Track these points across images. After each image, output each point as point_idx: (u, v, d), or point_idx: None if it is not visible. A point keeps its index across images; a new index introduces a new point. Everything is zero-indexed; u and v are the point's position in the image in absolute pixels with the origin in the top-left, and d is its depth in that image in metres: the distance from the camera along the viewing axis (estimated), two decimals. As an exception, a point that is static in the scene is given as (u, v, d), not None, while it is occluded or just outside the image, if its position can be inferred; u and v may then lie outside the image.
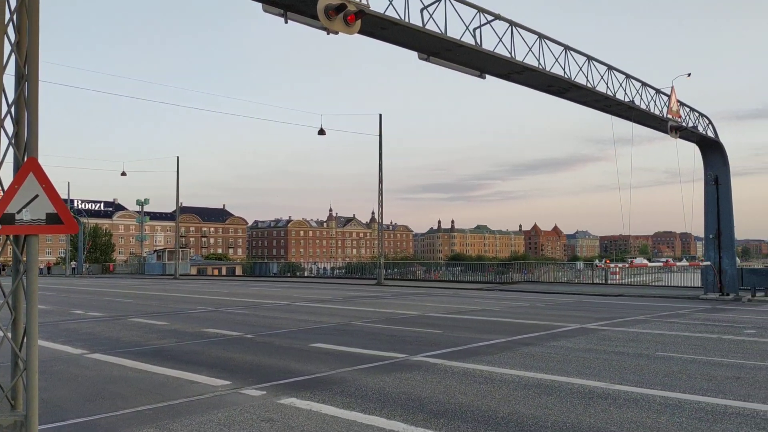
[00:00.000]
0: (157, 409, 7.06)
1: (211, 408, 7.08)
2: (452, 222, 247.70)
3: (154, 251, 73.54)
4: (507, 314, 18.56)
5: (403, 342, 12.44)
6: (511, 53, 16.80)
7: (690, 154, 27.59)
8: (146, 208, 74.02)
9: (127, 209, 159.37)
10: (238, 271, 70.57)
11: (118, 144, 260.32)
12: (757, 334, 14.02)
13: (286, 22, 12.03)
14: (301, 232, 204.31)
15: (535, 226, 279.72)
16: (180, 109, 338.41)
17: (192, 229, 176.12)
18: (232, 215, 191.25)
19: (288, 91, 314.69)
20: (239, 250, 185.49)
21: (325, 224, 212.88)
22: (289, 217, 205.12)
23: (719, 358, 10.62)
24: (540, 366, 9.69)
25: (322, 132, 37.16)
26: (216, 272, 72.81)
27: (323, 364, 9.79)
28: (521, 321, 16.59)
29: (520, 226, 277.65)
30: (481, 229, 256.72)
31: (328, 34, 11.87)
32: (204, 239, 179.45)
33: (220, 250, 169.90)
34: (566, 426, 6.33)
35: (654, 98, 23.17)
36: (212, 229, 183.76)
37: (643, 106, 22.45)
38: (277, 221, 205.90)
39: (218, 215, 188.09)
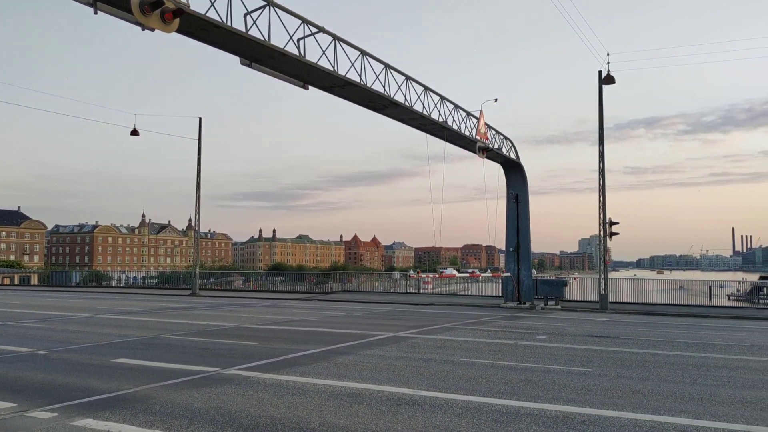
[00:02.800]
0: None
1: (-11, 435, 6.30)
2: (274, 231, 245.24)
3: (-71, 257, 64.39)
4: (324, 324, 18.70)
5: (216, 355, 12.02)
6: (334, 67, 17.07)
7: (495, 173, 29.99)
8: None
9: None
10: (34, 280, 64.09)
11: None
12: (548, 339, 15.46)
13: (95, 13, 11.19)
14: (110, 239, 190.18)
15: (355, 237, 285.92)
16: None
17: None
18: (28, 218, 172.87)
19: (99, 87, 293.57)
20: (36, 257, 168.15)
21: (137, 230, 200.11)
22: (96, 221, 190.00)
23: (515, 362, 11.54)
24: (353, 375, 9.86)
25: (135, 132, 34.91)
26: (7, 281, 65.54)
27: (127, 381, 9.14)
28: (337, 330, 16.81)
29: (341, 236, 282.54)
30: (302, 238, 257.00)
31: (143, 30, 11.25)
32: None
33: (12, 257, 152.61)
34: (375, 434, 6.48)
35: (465, 120, 24.82)
36: (4, 233, 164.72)
37: (455, 127, 23.93)
38: (82, 226, 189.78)
39: (12, 218, 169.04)
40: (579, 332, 17.38)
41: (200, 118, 37.87)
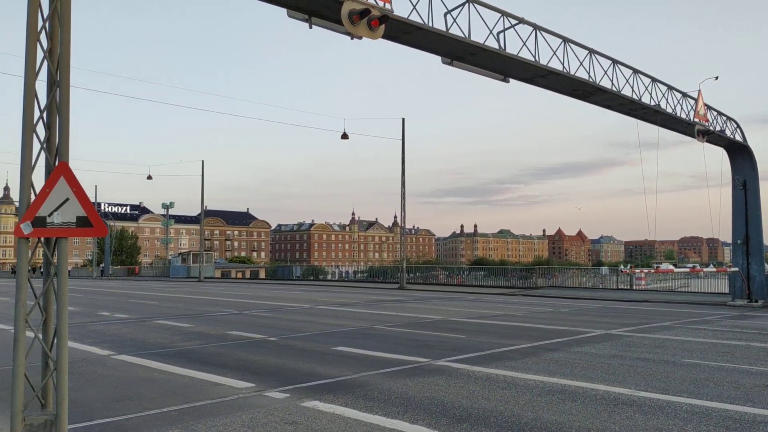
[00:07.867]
0: (182, 411, 7.14)
1: (235, 410, 7.15)
2: (475, 226, 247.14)
3: (179, 254, 74.24)
4: (530, 319, 18.43)
5: (425, 346, 12.42)
6: (535, 57, 16.73)
7: (717, 158, 27.25)
8: (171, 212, 74.20)
9: (152, 212, 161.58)
10: (262, 274, 70.94)
11: (144, 148, 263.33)
12: (787, 341, 13.74)
13: (310, 28, 12.12)
14: (324, 236, 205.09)
15: (559, 231, 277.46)
16: (206, 114, 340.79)
17: (216, 232, 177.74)
18: (255, 219, 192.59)
19: (312, 95, 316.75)
20: (263, 254, 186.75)
21: (347, 228, 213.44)
22: (312, 220, 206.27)
23: (747, 365, 10.44)
24: (564, 372, 9.62)
25: (345, 136, 37.30)
26: (239, 275, 73.34)
27: (346, 368, 9.82)
28: (545, 326, 16.47)
29: (544, 230, 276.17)
30: (504, 233, 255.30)
31: (351, 38, 11.95)
32: (228, 242, 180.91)
33: (243, 254, 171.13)
34: (591, 433, 6.28)
35: (680, 102, 22.89)
36: (236, 232, 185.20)
37: (669, 110, 22.18)
38: (300, 225, 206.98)
39: (242, 219, 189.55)
40: (828, 335, 15.20)
41: (403, 119, 39.01)
